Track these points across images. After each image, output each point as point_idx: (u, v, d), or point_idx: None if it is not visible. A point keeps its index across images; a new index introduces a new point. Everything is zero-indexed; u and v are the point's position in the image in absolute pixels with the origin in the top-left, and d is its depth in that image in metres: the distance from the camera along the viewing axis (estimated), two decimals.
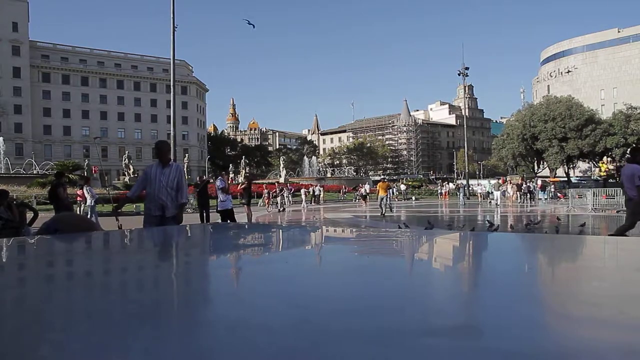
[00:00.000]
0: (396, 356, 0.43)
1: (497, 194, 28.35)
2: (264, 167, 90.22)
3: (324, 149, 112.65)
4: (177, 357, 0.44)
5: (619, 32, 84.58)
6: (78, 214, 8.12)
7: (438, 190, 42.54)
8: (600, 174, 47.17)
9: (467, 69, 46.21)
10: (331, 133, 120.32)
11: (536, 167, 63.97)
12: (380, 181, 21.75)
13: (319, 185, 36.63)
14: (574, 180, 56.89)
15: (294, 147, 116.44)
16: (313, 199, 32.18)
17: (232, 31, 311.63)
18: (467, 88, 79.68)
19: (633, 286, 0.79)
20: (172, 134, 19.05)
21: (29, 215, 8.00)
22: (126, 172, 41.35)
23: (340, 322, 0.56)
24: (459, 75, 46.78)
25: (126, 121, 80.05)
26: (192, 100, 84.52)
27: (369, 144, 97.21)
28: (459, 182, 47.88)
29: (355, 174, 69.90)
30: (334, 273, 1.00)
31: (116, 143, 77.65)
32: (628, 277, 0.88)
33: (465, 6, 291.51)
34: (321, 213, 22.70)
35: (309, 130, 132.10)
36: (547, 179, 48.89)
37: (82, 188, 16.23)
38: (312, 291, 0.77)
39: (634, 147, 7.97)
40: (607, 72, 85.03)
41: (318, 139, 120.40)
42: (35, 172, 37.51)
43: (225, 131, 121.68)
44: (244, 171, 49.72)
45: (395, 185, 42.43)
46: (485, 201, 32.07)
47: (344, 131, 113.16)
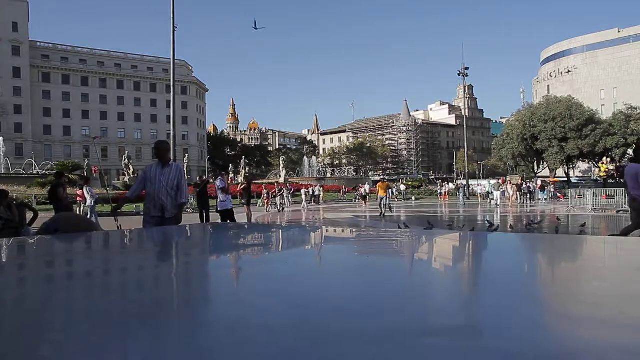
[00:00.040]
0: (396, 356, 0.43)
1: (497, 194, 28.35)
2: (263, 167, 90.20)
3: (324, 149, 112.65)
4: (177, 357, 0.44)
5: (619, 32, 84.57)
6: (78, 214, 8.12)
7: (438, 191, 42.49)
8: (600, 175, 47.08)
9: (467, 69, 46.27)
10: (331, 133, 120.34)
11: (536, 167, 63.95)
12: (380, 181, 21.75)
13: (318, 185, 36.64)
14: (573, 181, 56.84)
15: (294, 147, 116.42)
16: (313, 199, 32.19)
17: (232, 31, 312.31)
18: (467, 88, 79.62)
19: (633, 286, 0.79)
20: (172, 134, 19.05)
21: (29, 215, 8.01)
22: (126, 172, 41.35)
23: (340, 322, 0.56)
24: (459, 75, 46.85)
25: (126, 121, 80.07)
26: (192, 100, 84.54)
27: (369, 144, 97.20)
28: (459, 182, 47.83)
29: (355, 174, 69.86)
30: (334, 273, 1.00)
31: (116, 143, 77.66)
32: (628, 277, 0.88)
33: (465, 6, 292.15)
34: (321, 213, 22.70)
35: (309, 130, 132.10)
36: (547, 179, 48.86)
37: (82, 188, 16.23)
38: (312, 291, 0.77)
39: (638, 147, 7.94)
40: (607, 72, 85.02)
41: (318, 139, 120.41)
42: (35, 172, 37.47)
43: (225, 131, 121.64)
44: (243, 171, 49.68)
45: (395, 186, 42.44)
46: (485, 201, 32.04)
47: (344, 131, 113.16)
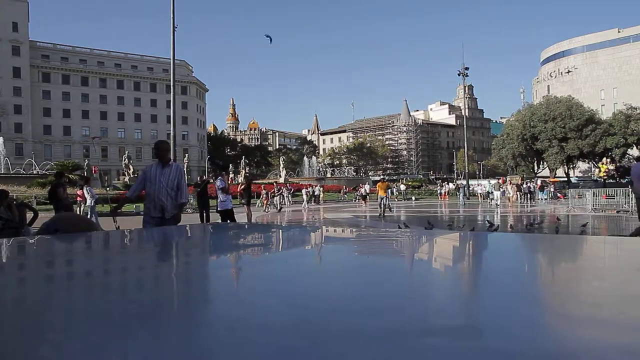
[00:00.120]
0: (396, 356, 0.43)
1: (497, 194, 28.37)
2: (264, 167, 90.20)
3: (324, 149, 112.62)
4: (177, 357, 0.44)
5: (619, 32, 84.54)
6: (78, 214, 8.12)
7: (438, 191, 42.47)
8: (600, 175, 47.09)
9: (467, 69, 46.25)
10: (331, 133, 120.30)
11: (536, 167, 63.96)
12: (380, 181, 21.75)
13: (319, 185, 36.65)
14: (573, 181, 56.82)
15: (294, 147, 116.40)
16: (313, 199, 32.22)
17: (232, 31, 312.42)
18: (467, 88, 79.58)
19: (633, 286, 0.79)
20: (172, 134, 19.05)
21: (29, 215, 8.00)
22: (126, 172, 41.33)
23: (340, 322, 0.56)
24: (459, 75, 46.82)
25: (126, 121, 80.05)
26: (192, 100, 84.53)
27: (369, 144, 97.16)
28: (459, 182, 47.84)
29: (355, 174, 69.85)
30: (334, 273, 1.00)
31: (116, 143, 77.65)
32: (628, 277, 0.88)
33: (465, 6, 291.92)
34: (321, 213, 22.70)
35: (309, 130, 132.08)
36: (547, 179, 48.87)
37: (82, 188, 16.24)
38: (312, 291, 0.77)
39: None
40: (607, 72, 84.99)
41: (318, 139, 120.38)
42: (35, 172, 37.43)
43: (225, 131, 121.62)
44: (243, 171, 49.67)
45: (395, 186, 42.43)
46: (485, 201, 32.05)
47: (344, 131, 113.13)
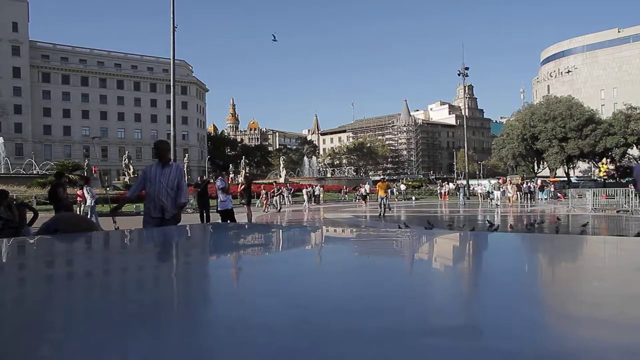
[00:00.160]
0: (396, 356, 0.43)
1: (497, 194, 28.39)
2: (264, 167, 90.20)
3: (324, 149, 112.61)
4: (177, 357, 0.44)
5: (619, 32, 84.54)
6: (78, 214, 8.13)
7: (438, 191, 42.47)
8: (600, 175, 47.12)
9: (467, 69, 46.25)
10: (331, 133, 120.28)
11: (536, 167, 63.97)
12: (380, 181, 21.75)
13: (319, 185, 36.67)
14: (574, 180, 56.81)
15: (294, 147, 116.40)
16: (313, 199, 32.26)
17: (232, 31, 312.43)
18: (467, 88, 79.58)
19: (633, 286, 0.79)
20: (172, 134, 19.06)
21: (29, 215, 7.99)
22: (126, 172, 41.33)
23: (340, 322, 0.56)
24: (459, 75, 46.82)
25: (126, 121, 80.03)
26: (192, 100, 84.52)
27: (369, 144, 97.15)
28: (459, 182, 47.86)
29: (355, 174, 69.82)
30: (334, 273, 1.00)
31: (116, 143, 77.63)
32: (628, 277, 0.88)
33: (465, 6, 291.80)
34: (321, 213, 22.70)
35: (309, 130, 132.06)
36: (547, 179, 48.87)
37: (82, 188, 16.24)
38: (312, 291, 0.77)
39: None
40: (607, 72, 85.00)
41: (318, 139, 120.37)
42: (35, 172, 37.42)
43: (225, 131, 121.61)
44: (243, 171, 49.67)
45: (395, 185, 42.43)
46: (485, 201, 32.06)
47: (344, 131, 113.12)
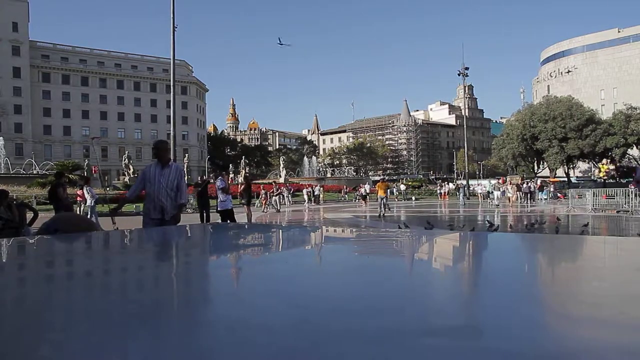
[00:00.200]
0: (396, 356, 0.43)
1: (497, 194, 28.41)
2: (264, 167, 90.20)
3: (324, 149, 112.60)
4: (177, 357, 0.44)
5: (619, 32, 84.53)
6: (78, 214, 8.12)
7: (438, 191, 42.47)
8: (600, 175, 47.17)
9: (467, 69, 46.27)
10: (331, 133, 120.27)
11: (536, 167, 63.94)
12: (380, 181, 21.75)
13: (319, 185, 36.68)
14: (574, 181, 56.84)
15: (294, 147, 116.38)
16: (313, 199, 32.28)
17: (232, 31, 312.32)
18: (467, 88, 79.58)
19: (633, 286, 0.79)
20: (172, 134, 19.08)
21: (29, 215, 7.99)
22: (126, 172, 41.32)
23: (340, 322, 0.56)
24: (459, 75, 46.85)
25: (126, 121, 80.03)
26: (192, 100, 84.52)
27: (369, 144, 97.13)
28: (459, 182, 47.83)
29: (355, 174, 69.83)
30: (334, 273, 1.00)
31: (116, 143, 77.61)
32: (628, 277, 0.88)
33: (465, 6, 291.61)
34: (321, 213, 22.69)
35: (309, 130, 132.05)
36: (547, 179, 48.87)
37: (82, 188, 16.24)
38: (312, 291, 0.77)
39: None
40: (607, 72, 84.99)
41: (318, 139, 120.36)
42: (35, 172, 37.42)
43: (225, 131, 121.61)
44: (243, 171, 49.67)
45: (395, 185, 42.44)
46: (485, 201, 32.06)
47: (344, 131, 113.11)
